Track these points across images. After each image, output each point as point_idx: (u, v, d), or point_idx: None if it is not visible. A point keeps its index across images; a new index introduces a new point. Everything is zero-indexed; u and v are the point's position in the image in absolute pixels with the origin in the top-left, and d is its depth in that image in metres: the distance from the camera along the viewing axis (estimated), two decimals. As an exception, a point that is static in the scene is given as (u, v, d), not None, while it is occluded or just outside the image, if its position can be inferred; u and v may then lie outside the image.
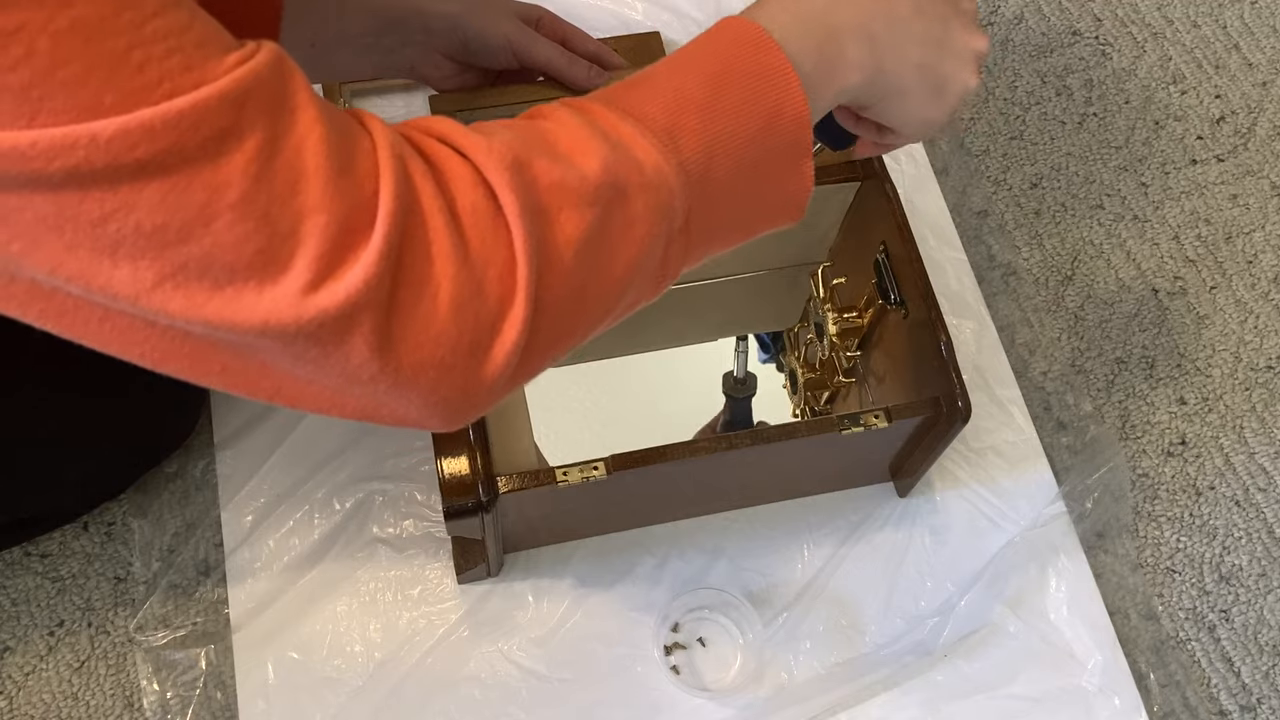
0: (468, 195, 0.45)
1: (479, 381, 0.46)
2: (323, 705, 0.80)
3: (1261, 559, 0.92)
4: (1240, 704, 0.87)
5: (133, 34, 0.38)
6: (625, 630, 0.84)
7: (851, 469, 0.88)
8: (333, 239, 0.41)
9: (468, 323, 0.44)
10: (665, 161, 0.49)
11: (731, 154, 0.51)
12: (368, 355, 0.43)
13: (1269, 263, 1.04)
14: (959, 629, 0.85)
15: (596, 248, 0.47)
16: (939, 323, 0.77)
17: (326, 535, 0.85)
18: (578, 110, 0.50)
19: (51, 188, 0.38)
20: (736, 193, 0.52)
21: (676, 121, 0.50)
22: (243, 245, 0.40)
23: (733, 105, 0.51)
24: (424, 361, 0.44)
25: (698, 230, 0.52)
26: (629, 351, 0.94)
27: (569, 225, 0.46)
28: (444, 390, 0.45)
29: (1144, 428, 0.96)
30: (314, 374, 0.43)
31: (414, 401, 0.45)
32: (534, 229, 0.45)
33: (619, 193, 0.47)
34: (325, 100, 0.44)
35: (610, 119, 0.49)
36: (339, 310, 0.41)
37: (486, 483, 0.71)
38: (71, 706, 0.80)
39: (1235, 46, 1.15)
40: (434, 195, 0.44)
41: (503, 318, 0.45)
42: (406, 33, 0.83)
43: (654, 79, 0.52)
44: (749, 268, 0.93)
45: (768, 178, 0.53)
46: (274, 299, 0.41)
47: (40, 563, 0.85)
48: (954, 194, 1.05)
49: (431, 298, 0.43)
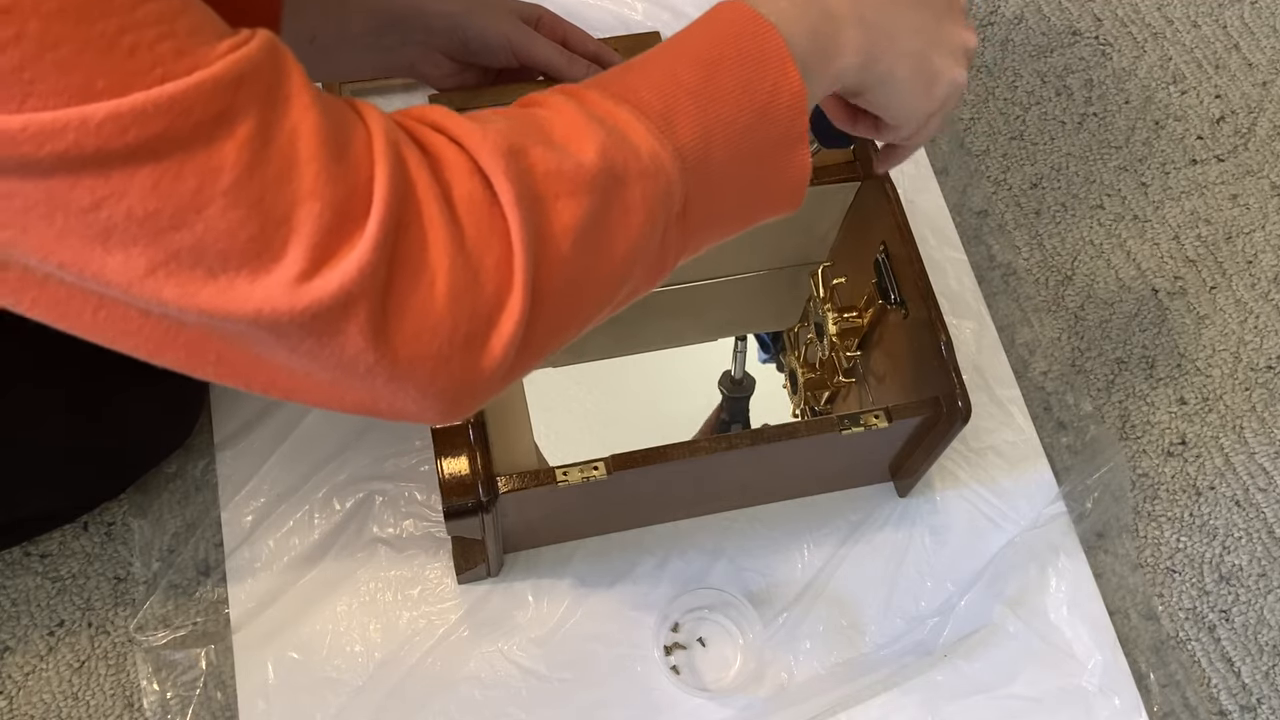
0: (464, 183, 0.44)
1: (477, 373, 0.45)
2: (323, 705, 0.80)
3: (1261, 559, 0.92)
4: (1240, 704, 0.87)
5: (125, 17, 0.37)
6: (625, 630, 0.84)
7: (851, 469, 0.88)
8: (327, 226, 0.41)
9: (464, 313, 0.44)
10: (662, 147, 0.48)
11: (728, 139, 0.50)
12: (363, 346, 0.42)
13: (1269, 263, 1.04)
14: (959, 629, 0.85)
15: (595, 235, 0.47)
16: (939, 323, 0.77)
17: (326, 535, 0.85)
18: (573, 97, 0.49)
19: (42, 173, 0.37)
20: (734, 179, 0.52)
21: (672, 107, 0.49)
22: (236, 232, 0.39)
23: (728, 90, 0.50)
24: (421, 353, 0.43)
25: (696, 217, 0.51)
26: (629, 351, 0.94)
27: (566, 213, 0.46)
28: (442, 382, 0.45)
29: (1144, 428, 0.96)
30: (309, 365, 0.43)
31: (411, 394, 0.45)
32: (530, 217, 0.44)
33: (616, 179, 0.47)
34: (320, 88, 0.43)
35: (605, 105, 0.49)
36: (333, 299, 0.41)
37: (486, 483, 0.71)
38: (71, 706, 0.80)
39: (1235, 46, 1.15)
40: (429, 183, 0.43)
41: (500, 308, 0.44)
42: (406, 31, 0.83)
43: (648, 65, 0.52)
44: (749, 268, 0.93)
45: (765, 163, 0.52)
46: (267, 288, 0.40)
47: (40, 563, 0.85)
48: (954, 194, 1.05)
49: (428, 287, 0.43)
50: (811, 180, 0.83)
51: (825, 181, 0.82)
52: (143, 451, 0.85)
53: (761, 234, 0.88)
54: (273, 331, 0.41)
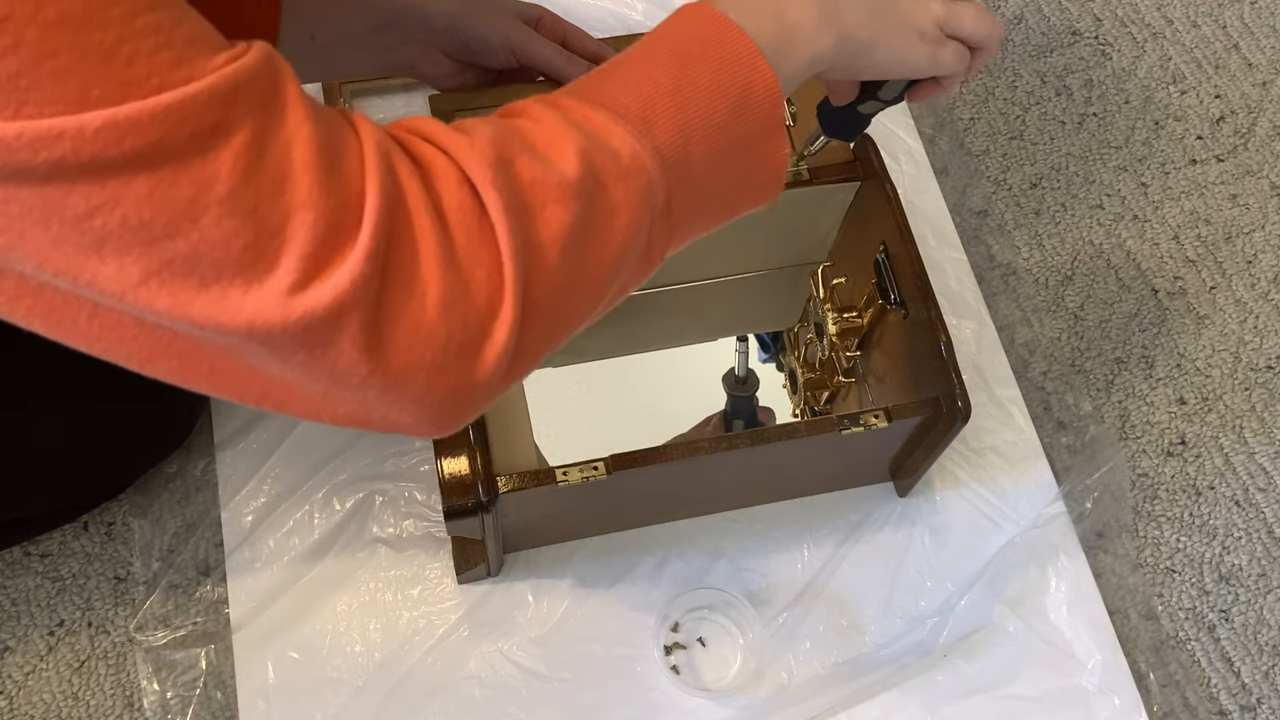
0: (453, 194, 0.45)
1: (471, 382, 0.45)
2: (323, 705, 0.80)
3: (1261, 559, 0.92)
4: (1240, 704, 0.87)
5: (122, 27, 0.37)
6: (625, 630, 0.84)
7: (851, 469, 0.88)
8: (320, 237, 0.41)
9: (457, 323, 0.44)
10: (641, 147, 0.49)
11: (706, 135, 0.52)
12: (356, 357, 0.42)
13: (1269, 263, 1.04)
14: (959, 629, 0.85)
15: (582, 240, 0.47)
16: (939, 323, 0.77)
17: (326, 535, 0.85)
18: (551, 105, 0.50)
19: (38, 180, 0.37)
20: (714, 173, 0.53)
21: (649, 108, 0.50)
22: (230, 242, 0.40)
23: (703, 88, 0.51)
24: (414, 363, 0.44)
25: (679, 213, 0.52)
26: (629, 351, 0.94)
27: (553, 220, 0.46)
28: (436, 392, 0.45)
29: (1144, 428, 0.96)
30: (302, 377, 0.43)
31: (406, 406, 0.45)
32: (519, 227, 0.45)
33: (599, 184, 0.48)
34: (314, 99, 0.44)
35: (584, 111, 0.50)
36: (326, 311, 0.41)
37: (486, 483, 0.71)
38: (71, 706, 0.80)
39: (1235, 46, 1.15)
40: (420, 194, 0.44)
41: (492, 317, 0.45)
42: (406, 30, 0.83)
43: (622, 69, 0.53)
44: (749, 268, 0.93)
45: (744, 155, 0.53)
46: (260, 299, 0.40)
47: (40, 563, 0.85)
48: (954, 194, 1.05)
49: (420, 297, 0.43)
50: (811, 180, 0.84)
51: (825, 181, 0.82)
52: (143, 451, 0.85)
53: (761, 234, 0.88)
54: (265, 344, 0.41)
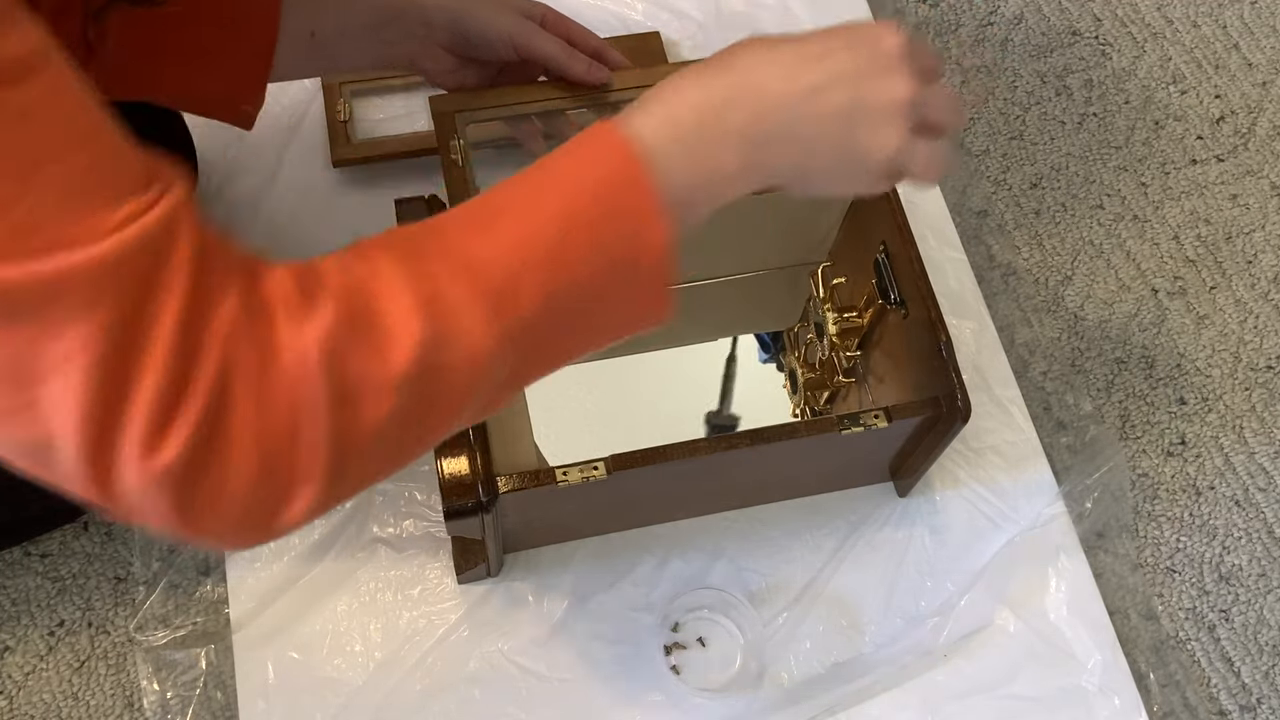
0: (281, 379, 0.45)
1: (274, 530, 0.48)
2: (323, 705, 0.80)
3: (1261, 559, 0.92)
4: (1240, 704, 0.87)
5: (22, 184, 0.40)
6: (625, 630, 0.84)
7: (851, 469, 0.88)
8: (150, 420, 0.42)
9: (266, 494, 0.46)
10: (491, 330, 0.48)
11: (578, 297, 0.51)
12: (160, 522, 0.45)
13: (1269, 263, 1.04)
14: (959, 629, 0.85)
15: (400, 430, 0.48)
16: (939, 323, 0.77)
17: (326, 535, 0.85)
18: (408, 263, 0.48)
19: None
20: (580, 327, 0.53)
21: (515, 282, 0.49)
22: (70, 408, 0.41)
23: (582, 255, 0.50)
24: (217, 527, 0.46)
25: (535, 363, 0.53)
26: (629, 351, 0.94)
27: (373, 412, 0.47)
28: (236, 540, 0.48)
29: (1144, 428, 0.96)
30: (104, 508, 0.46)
31: (206, 542, 0.49)
32: (338, 417, 0.46)
33: (432, 372, 0.48)
34: (206, 238, 0.45)
35: (442, 280, 0.48)
36: (140, 489, 0.43)
37: (486, 483, 0.71)
38: (71, 706, 0.80)
39: (1235, 46, 1.15)
40: (250, 383, 0.45)
41: (297, 493, 0.46)
42: (407, 25, 0.83)
43: (505, 218, 0.51)
44: (749, 268, 0.93)
45: (621, 309, 0.53)
46: (82, 465, 0.43)
47: (40, 563, 0.85)
48: (954, 194, 1.05)
49: (235, 476, 0.45)
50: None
51: (825, 181, 0.82)
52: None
53: (761, 234, 0.88)
54: (80, 494, 0.44)
